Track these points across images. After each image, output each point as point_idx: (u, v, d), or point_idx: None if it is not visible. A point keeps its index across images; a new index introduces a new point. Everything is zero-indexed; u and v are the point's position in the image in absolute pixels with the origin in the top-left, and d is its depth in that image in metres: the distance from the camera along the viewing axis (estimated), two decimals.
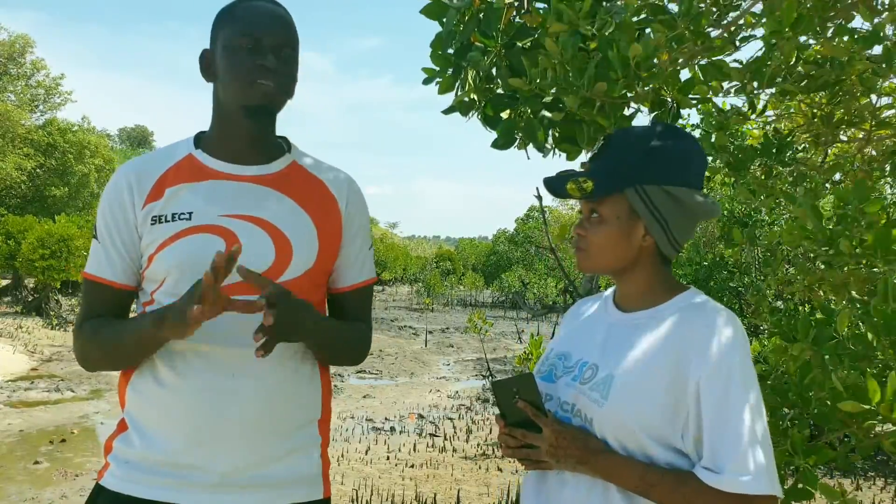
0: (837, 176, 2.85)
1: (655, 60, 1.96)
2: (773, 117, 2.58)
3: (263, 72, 1.55)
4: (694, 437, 1.30)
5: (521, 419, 1.38)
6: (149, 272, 1.59)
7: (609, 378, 1.35)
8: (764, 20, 1.65)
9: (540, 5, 2.14)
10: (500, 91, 2.19)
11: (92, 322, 1.61)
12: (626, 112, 2.11)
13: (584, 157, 2.06)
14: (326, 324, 1.65)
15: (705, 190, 1.45)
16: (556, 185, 1.46)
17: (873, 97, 2.37)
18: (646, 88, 2.09)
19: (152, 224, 1.57)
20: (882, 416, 1.52)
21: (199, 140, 1.68)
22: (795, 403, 1.81)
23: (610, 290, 1.56)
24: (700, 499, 1.26)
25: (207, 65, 1.63)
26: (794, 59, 1.65)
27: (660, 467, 1.30)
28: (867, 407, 1.53)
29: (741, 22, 2.07)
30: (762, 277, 6.79)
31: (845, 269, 2.11)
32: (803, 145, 2.55)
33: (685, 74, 2.11)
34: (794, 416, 1.81)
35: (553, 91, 1.81)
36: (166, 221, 1.57)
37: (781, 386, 1.90)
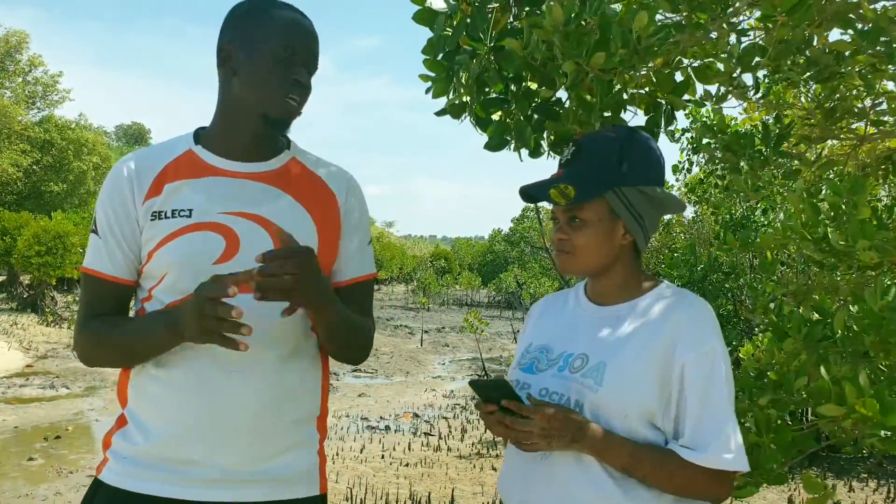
0: (831, 175, 2.87)
1: (651, 63, 1.98)
2: (776, 105, 2.58)
3: (297, 87, 1.57)
4: (673, 416, 1.40)
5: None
6: (148, 269, 1.58)
7: (602, 365, 1.42)
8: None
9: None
10: (492, 94, 2.21)
11: (98, 321, 1.60)
12: (623, 115, 2.14)
13: None
14: (341, 305, 1.62)
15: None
16: (535, 192, 1.52)
17: (868, 102, 2.39)
18: (638, 91, 2.11)
19: (152, 220, 1.56)
20: (860, 414, 1.55)
21: (199, 136, 1.67)
22: (777, 386, 1.83)
23: (579, 287, 1.63)
24: (681, 474, 1.37)
25: (227, 58, 1.59)
26: (802, 45, 1.66)
27: (644, 445, 1.38)
28: (844, 411, 1.56)
29: (739, 17, 2.09)
30: (757, 279, 6.82)
31: (837, 273, 2.13)
32: (799, 142, 2.57)
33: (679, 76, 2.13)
34: (775, 400, 1.83)
35: (545, 67, 1.82)
36: (166, 218, 1.56)
37: (768, 377, 1.92)
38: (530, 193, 1.53)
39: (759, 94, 2.15)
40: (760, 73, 2.02)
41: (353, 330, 1.69)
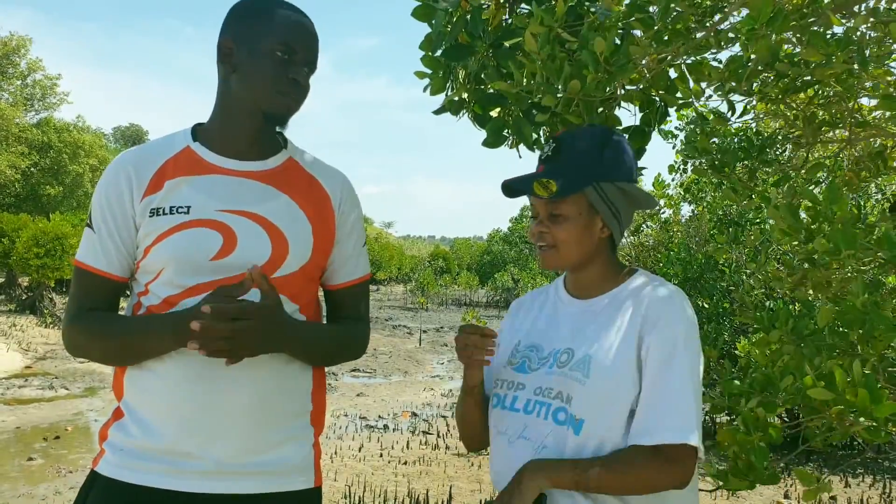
0: (821, 176, 2.91)
1: (645, 60, 2.00)
2: (755, 119, 2.62)
3: (293, 86, 1.60)
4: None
5: None
6: (144, 263, 1.61)
7: (587, 358, 1.47)
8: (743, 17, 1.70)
9: (524, 8, 2.19)
10: (489, 90, 2.23)
11: (93, 317, 1.62)
12: (616, 111, 2.16)
13: None
14: (303, 334, 1.64)
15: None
16: (518, 186, 1.56)
17: (856, 101, 2.42)
18: (633, 88, 2.14)
19: (150, 216, 1.59)
20: (848, 402, 1.58)
21: (197, 132, 1.69)
22: (764, 387, 1.86)
23: (558, 282, 1.68)
24: (633, 465, 1.39)
25: (227, 55, 1.61)
26: (770, 60, 1.70)
27: (585, 460, 1.41)
28: (833, 395, 1.59)
29: (725, 25, 2.11)
30: (749, 276, 6.85)
31: (827, 269, 2.16)
32: (786, 147, 2.60)
33: (674, 74, 2.16)
34: (763, 400, 1.86)
35: (539, 92, 1.86)
36: (164, 214, 1.58)
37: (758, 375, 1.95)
38: (513, 187, 1.57)
39: (736, 117, 2.19)
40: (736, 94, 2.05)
41: (329, 348, 1.72)
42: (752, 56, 1.71)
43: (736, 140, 2.46)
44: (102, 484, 1.58)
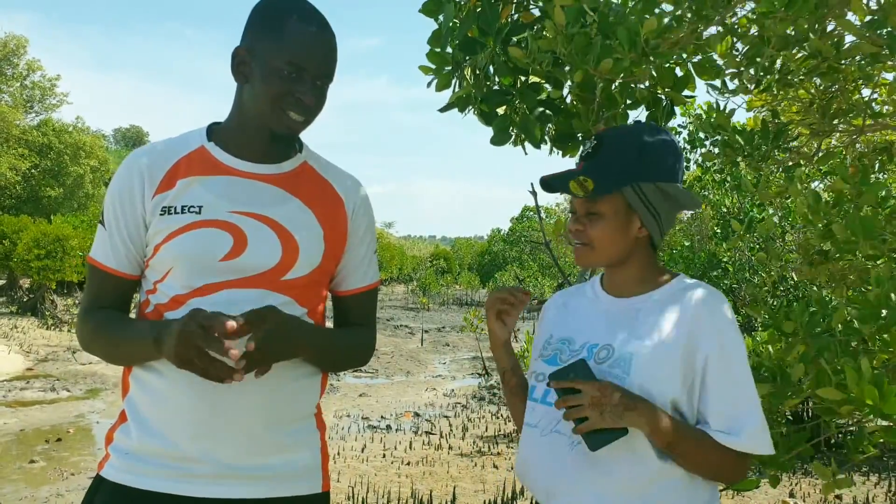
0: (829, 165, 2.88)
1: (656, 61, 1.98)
2: (773, 102, 2.59)
3: (299, 106, 1.56)
4: (696, 402, 1.45)
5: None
6: (153, 262, 1.59)
7: (628, 355, 1.46)
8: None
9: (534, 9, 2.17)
10: (496, 88, 2.22)
11: (99, 315, 1.62)
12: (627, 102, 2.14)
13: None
14: (319, 339, 1.64)
15: (698, 186, 1.53)
16: (556, 183, 1.55)
17: (866, 92, 2.40)
18: (641, 86, 2.12)
19: (161, 214, 1.57)
20: (859, 401, 1.56)
21: (212, 132, 1.67)
22: (775, 376, 1.84)
23: (594, 280, 1.67)
24: (715, 455, 1.42)
25: (240, 66, 1.59)
26: (794, 43, 1.67)
27: (686, 424, 1.43)
28: (844, 396, 1.57)
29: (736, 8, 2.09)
30: (755, 275, 6.83)
31: (841, 262, 2.14)
32: (797, 135, 2.58)
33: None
34: (773, 393, 1.84)
35: (551, 70, 1.83)
36: (176, 213, 1.57)
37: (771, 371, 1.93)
38: (550, 183, 1.57)
39: (761, 88, 2.16)
40: (754, 69, 2.03)
41: (339, 353, 1.73)
42: (769, 36, 1.69)
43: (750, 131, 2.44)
44: (108, 488, 1.56)
